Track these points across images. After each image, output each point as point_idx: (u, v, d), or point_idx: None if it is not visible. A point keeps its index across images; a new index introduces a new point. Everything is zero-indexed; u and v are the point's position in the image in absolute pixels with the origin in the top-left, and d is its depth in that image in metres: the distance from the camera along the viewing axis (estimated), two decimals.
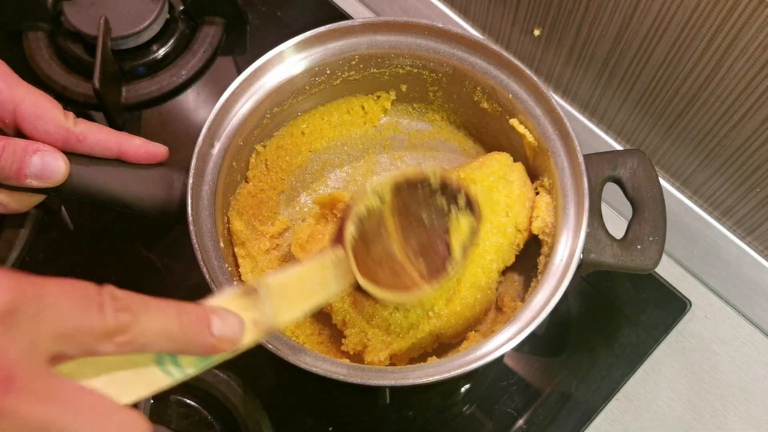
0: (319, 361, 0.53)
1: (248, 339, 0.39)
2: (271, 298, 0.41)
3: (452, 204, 0.54)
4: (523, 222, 0.61)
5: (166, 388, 0.36)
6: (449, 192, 0.54)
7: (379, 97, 0.71)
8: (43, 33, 0.82)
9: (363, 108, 0.71)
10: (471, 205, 0.55)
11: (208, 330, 0.36)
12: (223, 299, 0.39)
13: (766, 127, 0.59)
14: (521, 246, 0.62)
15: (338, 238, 0.49)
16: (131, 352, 0.34)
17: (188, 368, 0.36)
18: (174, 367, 0.36)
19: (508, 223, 0.61)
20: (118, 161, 0.54)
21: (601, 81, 0.70)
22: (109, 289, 0.33)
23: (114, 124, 0.77)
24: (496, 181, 0.61)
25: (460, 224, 0.54)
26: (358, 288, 0.49)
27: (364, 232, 0.50)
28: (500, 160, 0.63)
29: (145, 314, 0.33)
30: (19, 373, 0.29)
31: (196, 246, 0.54)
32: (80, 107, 0.79)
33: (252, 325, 0.39)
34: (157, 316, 0.34)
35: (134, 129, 0.79)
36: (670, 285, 0.72)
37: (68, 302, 0.31)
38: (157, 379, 0.36)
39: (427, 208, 0.53)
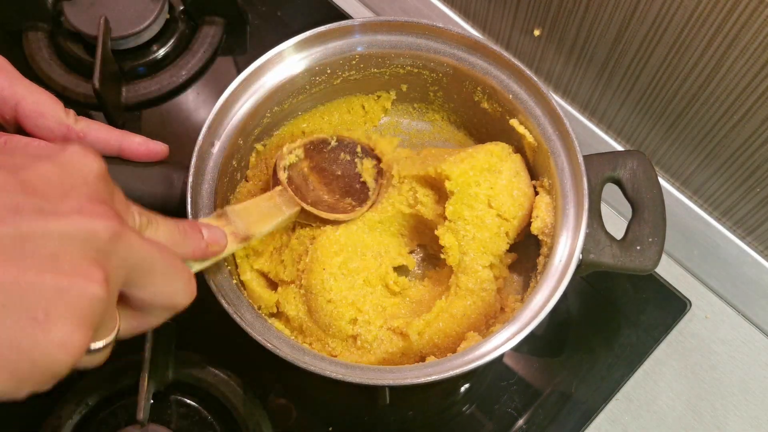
0: (318, 360, 0.53)
1: (230, 247, 0.50)
2: (238, 218, 0.51)
3: (353, 155, 0.67)
4: (510, 210, 0.61)
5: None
6: (346, 146, 0.67)
7: (379, 96, 0.71)
8: (43, 33, 0.82)
9: (363, 108, 0.71)
10: (366, 151, 0.68)
11: (200, 236, 0.46)
12: (203, 219, 0.51)
13: (766, 127, 0.59)
14: (511, 235, 0.62)
15: (274, 182, 0.60)
16: None
17: (192, 265, 0.46)
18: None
19: (488, 214, 0.61)
20: (119, 159, 0.54)
21: (601, 81, 0.70)
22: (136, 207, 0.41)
23: (114, 124, 0.76)
24: (476, 176, 0.61)
25: (365, 166, 0.67)
26: (305, 217, 0.61)
27: (294, 185, 0.61)
28: (491, 151, 0.63)
29: (155, 220, 0.42)
30: (122, 216, 0.36)
31: None
32: (80, 107, 0.79)
33: (231, 236, 0.50)
34: (164, 223, 0.42)
35: (134, 129, 0.79)
36: (670, 285, 0.72)
37: (121, 192, 0.39)
38: None
39: (335, 162, 0.66)
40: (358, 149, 0.68)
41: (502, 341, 0.52)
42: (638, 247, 0.56)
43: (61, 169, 0.35)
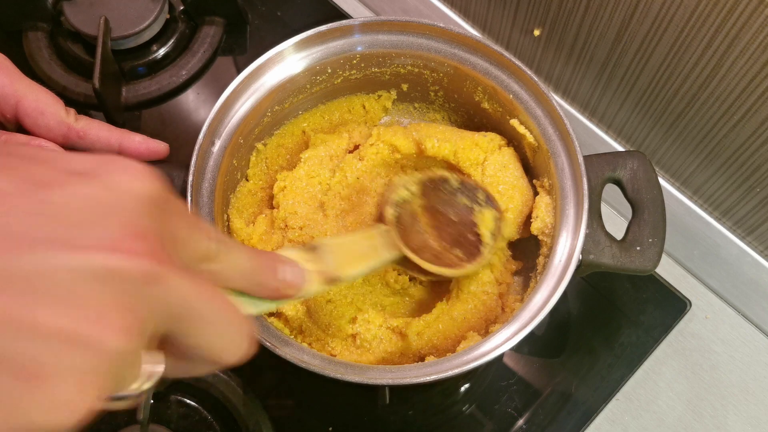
0: (318, 359, 0.53)
1: (314, 287, 0.43)
2: (330, 255, 0.45)
3: (473, 201, 0.60)
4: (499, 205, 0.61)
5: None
6: (468, 190, 0.60)
7: (380, 96, 0.71)
8: (43, 33, 0.82)
9: (364, 107, 0.71)
10: (490, 200, 0.60)
11: (274, 274, 0.39)
12: (289, 252, 0.43)
13: (766, 127, 0.59)
14: (505, 231, 0.61)
15: (380, 219, 0.55)
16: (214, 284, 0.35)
17: (261, 304, 0.39)
18: (247, 299, 0.38)
19: None
20: None
21: (601, 81, 0.70)
22: (207, 224, 0.35)
23: (114, 124, 0.76)
24: (461, 166, 0.62)
25: (485, 216, 0.60)
26: (404, 262, 0.55)
27: (401, 223, 0.55)
28: (476, 142, 0.63)
29: (231, 248, 0.35)
30: (168, 252, 0.30)
31: None
32: (80, 107, 0.79)
33: (317, 275, 0.43)
34: (238, 252, 0.36)
35: (134, 129, 0.78)
36: (670, 285, 0.72)
37: (187, 213, 0.33)
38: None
39: (452, 206, 0.59)
40: (481, 195, 0.60)
41: (502, 341, 0.52)
42: (638, 248, 0.56)
43: (99, 189, 0.29)
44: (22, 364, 0.25)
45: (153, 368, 0.31)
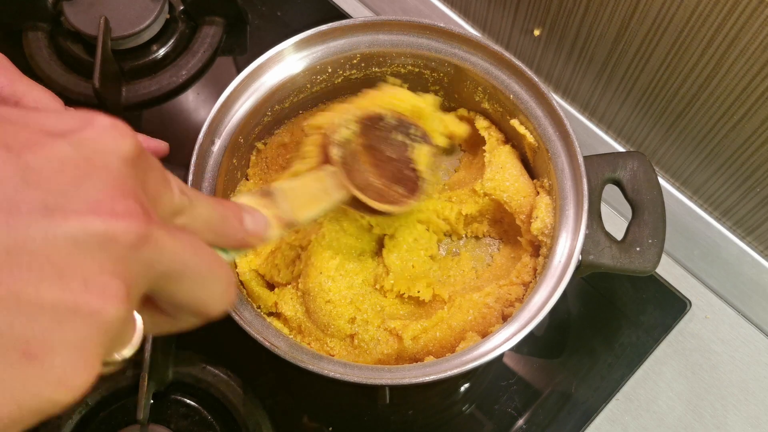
0: (317, 359, 0.53)
1: (272, 233, 0.43)
2: (285, 200, 0.45)
3: (409, 137, 0.60)
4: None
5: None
6: (404, 127, 0.60)
7: None
8: (43, 33, 0.82)
9: None
10: (425, 136, 0.61)
11: (241, 225, 0.39)
12: (245, 199, 0.43)
13: (766, 127, 0.59)
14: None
15: (325, 160, 0.54)
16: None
17: (227, 253, 0.39)
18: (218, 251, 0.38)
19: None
20: None
21: (601, 81, 0.70)
22: (173, 175, 0.35)
23: None
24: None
25: (421, 152, 0.60)
26: (352, 203, 0.54)
27: (345, 163, 0.55)
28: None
29: (197, 200, 0.35)
30: (151, 210, 0.30)
31: None
32: (80, 107, 0.79)
33: (274, 220, 0.43)
34: (205, 203, 0.36)
35: (134, 129, 0.79)
36: (670, 285, 0.72)
37: (160, 168, 0.33)
38: None
39: (390, 143, 0.59)
40: (416, 131, 0.60)
41: (502, 341, 0.52)
42: (638, 249, 0.56)
43: (78, 150, 0.28)
44: (23, 340, 0.24)
45: (139, 329, 0.31)
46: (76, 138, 0.28)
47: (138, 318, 0.31)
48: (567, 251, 0.55)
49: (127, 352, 0.30)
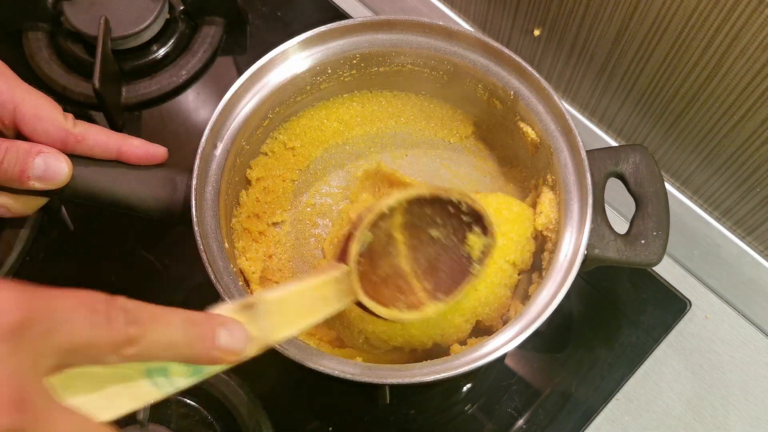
0: (318, 357, 0.53)
1: (251, 352, 0.39)
2: (268, 314, 0.40)
3: (465, 225, 0.53)
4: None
5: (152, 402, 0.36)
6: (463, 213, 0.53)
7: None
8: (43, 33, 0.81)
9: (364, 105, 0.71)
10: (485, 228, 0.53)
11: (213, 343, 0.36)
12: (223, 310, 0.39)
13: (766, 127, 0.59)
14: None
15: (343, 255, 0.48)
16: (138, 361, 0.34)
17: (178, 381, 0.36)
18: (163, 380, 0.35)
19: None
20: (120, 163, 0.54)
21: (601, 81, 0.70)
22: (121, 302, 0.33)
23: (114, 124, 0.76)
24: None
25: (474, 245, 0.53)
26: (359, 305, 0.49)
27: (372, 247, 0.49)
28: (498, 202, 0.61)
29: (153, 326, 0.33)
30: (30, 396, 0.28)
31: (201, 247, 0.54)
32: (80, 107, 0.79)
33: (249, 343, 0.38)
34: (165, 328, 0.34)
35: (134, 129, 0.79)
36: (670, 285, 0.72)
37: (79, 316, 0.31)
38: (145, 392, 0.36)
39: (440, 227, 0.53)
40: (475, 221, 0.53)
41: (507, 340, 0.52)
42: (642, 241, 0.56)
43: None
44: None
45: None
46: None
47: None
48: (572, 246, 0.55)
49: None
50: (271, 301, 0.40)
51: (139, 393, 0.36)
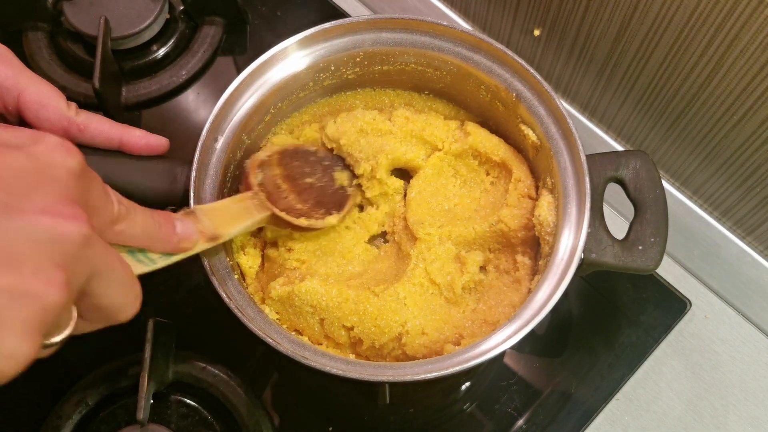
0: (318, 356, 0.53)
1: (198, 245, 0.49)
2: (207, 217, 0.51)
3: (328, 167, 0.66)
4: None
5: (139, 273, 0.44)
6: (325, 159, 0.67)
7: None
8: (43, 33, 0.82)
9: (366, 104, 0.71)
10: (345, 165, 0.67)
11: (173, 230, 0.46)
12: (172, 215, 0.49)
13: (766, 127, 0.59)
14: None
15: (247, 186, 0.60)
16: (121, 243, 0.41)
17: (155, 259, 0.45)
18: (143, 256, 0.44)
19: None
20: (121, 153, 0.54)
21: (601, 81, 0.70)
22: (112, 189, 0.40)
23: None
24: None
25: (341, 179, 0.66)
26: (276, 222, 0.60)
27: (266, 191, 0.60)
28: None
29: (134, 210, 0.41)
30: (92, 218, 0.35)
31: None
32: (80, 107, 0.79)
33: (199, 234, 0.49)
34: (141, 213, 0.42)
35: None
36: (670, 285, 0.73)
37: (100, 182, 0.38)
38: (134, 266, 0.44)
39: (310, 174, 0.65)
40: (335, 161, 0.67)
41: (504, 338, 0.52)
42: (640, 247, 0.56)
43: (32, 161, 0.33)
44: None
45: (73, 318, 0.35)
46: (30, 151, 0.34)
47: (74, 308, 0.35)
48: (569, 249, 0.55)
49: (61, 337, 0.34)
50: (205, 209, 0.53)
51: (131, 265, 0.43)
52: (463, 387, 0.69)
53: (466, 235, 0.63)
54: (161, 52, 0.81)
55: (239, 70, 0.61)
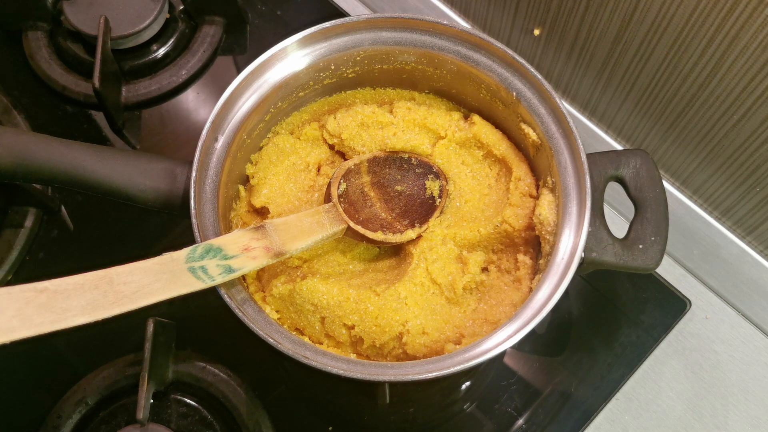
0: (319, 355, 0.53)
1: (261, 261, 0.51)
2: (276, 233, 0.52)
3: (421, 175, 0.65)
4: None
5: (198, 289, 0.49)
6: (417, 166, 0.66)
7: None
8: (43, 33, 0.82)
9: (367, 103, 0.71)
10: (436, 174, 0.66)
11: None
12: (238, 233, 0.52)
13: (765, 127, 0.59)
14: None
15: (327, 197, 0.60)
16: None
17: (215, 276, 0.49)
18: (205, 275, 0.48)
19: None
20: (121, 153, 0.54)
21: (601, 81, 0.70)
22: None
23: (114, 124, 0.77)
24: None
25: (432, 188, 0.65)
26: (352, 234, 0.60)
27: (350, 198, 0.61)
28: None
29: None
30: None
31: (199, 240, 0.54)
32: (80, 107, 0.79)
33: (264, 251, 0.51)
34: None
35: (134, 129, 0.79)
36: (670, 285, 0.73)
37: None
38: (191, 282, 0.48)
39: (401, 182, 0.65)
40: (426, 169, 0.66)
41: (504, 338, 0.52)
42: (640, 246, 0.56)
43: None
44: None
45: None
46: None
47: None
48: (570, 248, 0.55)
49: None
50: (276, 224, 0.53)
51: (188, 282, 0.49)
52: (463, 387, 0.69)
53: (471, 238, 0.63)
54: (161, 51, 0.81)
55: (239, 70, 0.61)
